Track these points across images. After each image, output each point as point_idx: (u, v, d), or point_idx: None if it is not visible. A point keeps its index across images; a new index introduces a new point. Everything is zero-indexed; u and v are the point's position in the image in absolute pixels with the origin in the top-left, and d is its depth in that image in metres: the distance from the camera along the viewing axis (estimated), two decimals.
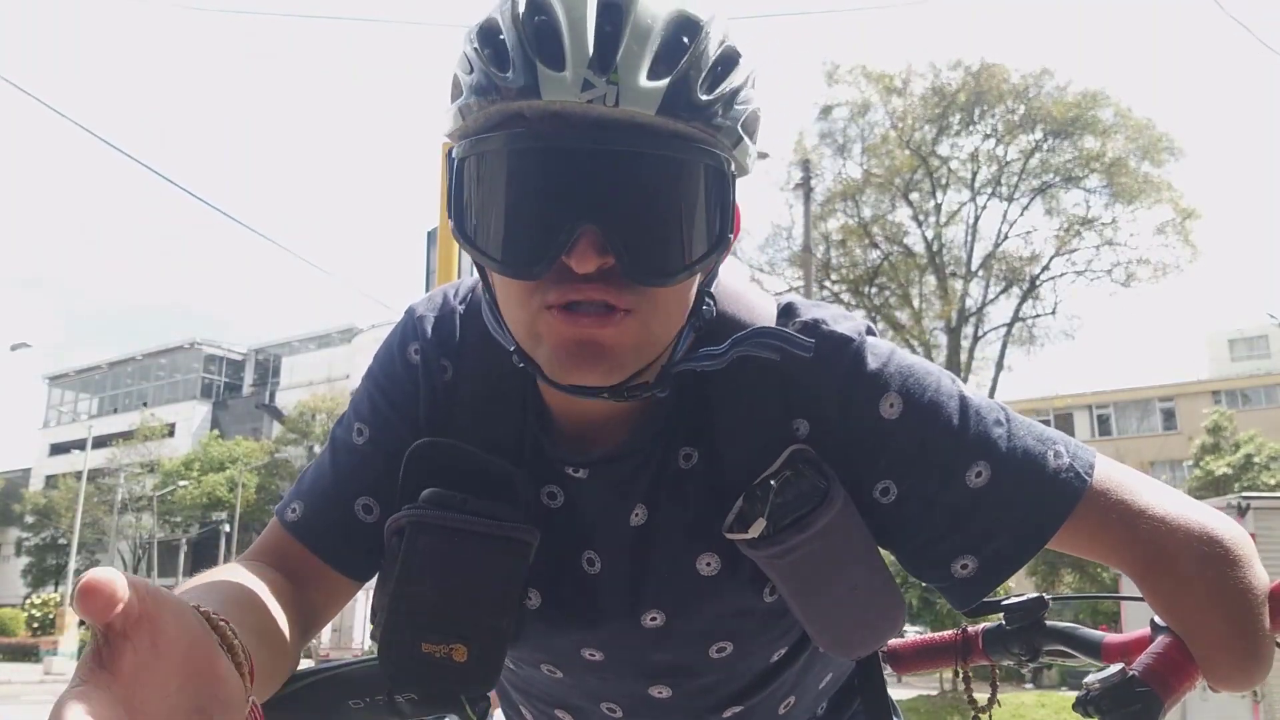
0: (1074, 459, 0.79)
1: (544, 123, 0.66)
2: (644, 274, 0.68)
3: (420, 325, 0.87)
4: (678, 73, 0.66)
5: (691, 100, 0.66)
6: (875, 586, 0.81)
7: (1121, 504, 0.78)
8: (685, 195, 0.69)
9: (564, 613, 0.86)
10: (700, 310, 0.76)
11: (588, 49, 0.64)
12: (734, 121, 0.69)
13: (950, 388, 0.80)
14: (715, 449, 0.81)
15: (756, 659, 0.88)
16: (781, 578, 0.78)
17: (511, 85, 0.66)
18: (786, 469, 0.77)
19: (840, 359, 0.79)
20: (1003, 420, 0.80)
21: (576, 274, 0.67)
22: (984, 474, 0.77)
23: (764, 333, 0.76)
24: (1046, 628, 1.05)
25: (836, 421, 0.79)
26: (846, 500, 0.77)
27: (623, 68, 0.64)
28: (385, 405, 0.86)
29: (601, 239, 0.66)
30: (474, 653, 0.75)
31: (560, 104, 0.65)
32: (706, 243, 0.70)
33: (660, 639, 0.84)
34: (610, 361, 0.70)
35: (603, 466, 0.82)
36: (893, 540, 0.82)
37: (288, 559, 0.83)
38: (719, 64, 0.69)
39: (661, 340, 0.74)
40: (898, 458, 0.78)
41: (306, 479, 0.87)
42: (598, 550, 0.84)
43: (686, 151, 0.67)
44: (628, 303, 0.69)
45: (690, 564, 0.82)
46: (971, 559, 0.78)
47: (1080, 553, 0.82)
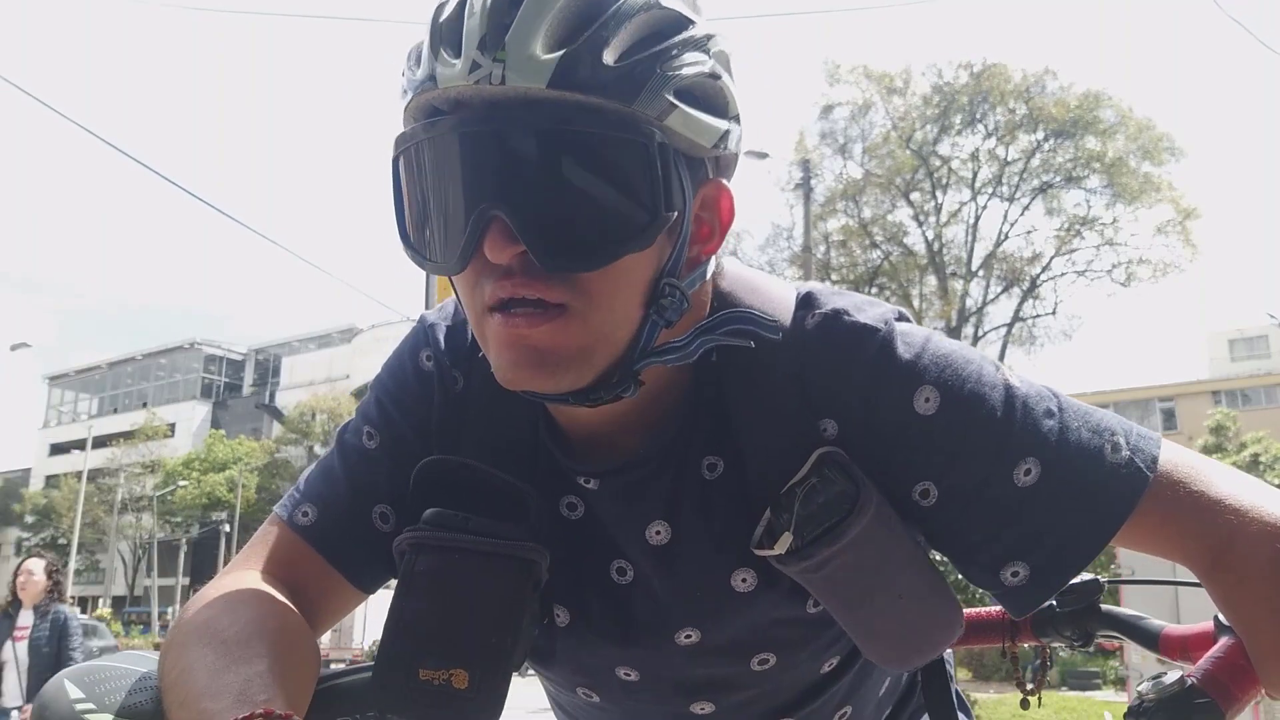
0: (1135, 451, 0.71)
1: (453, 112, 0.65)
2: (559, 260, 0.63)
3: (432, 333, 0.83)
4: (580, 42, 0.62)
5: (594, 69, 0.62)
6: (923, 594, 0.74)
7: (1189, 497, 0.70)
8: (594, 171, 0.63)
9: (594, 629, 0.81)
10: (660, 301, 0.68)
11: (480, 29, 0.62)
12: (659, 88, 0.64)
13: (993, 376, 0.72)
14: (740, 456, 0.75)
15: (804, 669, 0.83)
16: (819, 591, 0.73)
17: (419, 79, 0.65)
18: (813, 475, 0.71)
19: (865, 351, 0.72)
20: (1054, 410, 0.72)
21: (503, 268, 0.64)
22: (1034, 471, 0.70)
23: (729, 318, 0.71)
24: (1101, 611, 1.00)
25: (866, 420, 0.72)
26: (881, 505, 0.71)
27: (511, 44, 0.61)
28: (397, 413, 0.82)
29: (511, 226, 0.62)
30: (475, 679, 0.70)
31: (456, 89, 0.63)
32: (632, 224, 0.64)
33: (698, 654, 0.80)
34: (552, 365, 0.66)
35: (612, 478, 0.77)
36: (935, 546, 0.76)
37: (297, 565, 0.78)
38: (642, 29, 0.64)
39: (614, 338, 0.67)
40: (936, 456, 0.71)
41: (316, 483, 0.82)
42: (629, 558, 0.79)
43: (588, 124, 0.62)
44: (559, 296, 0.64)
45: (724, 581, 0.77)
46: (1022, 565, 0.71)
47: (1141, 549, 0.74)
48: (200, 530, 39.12)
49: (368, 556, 0.79)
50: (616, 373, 0.69)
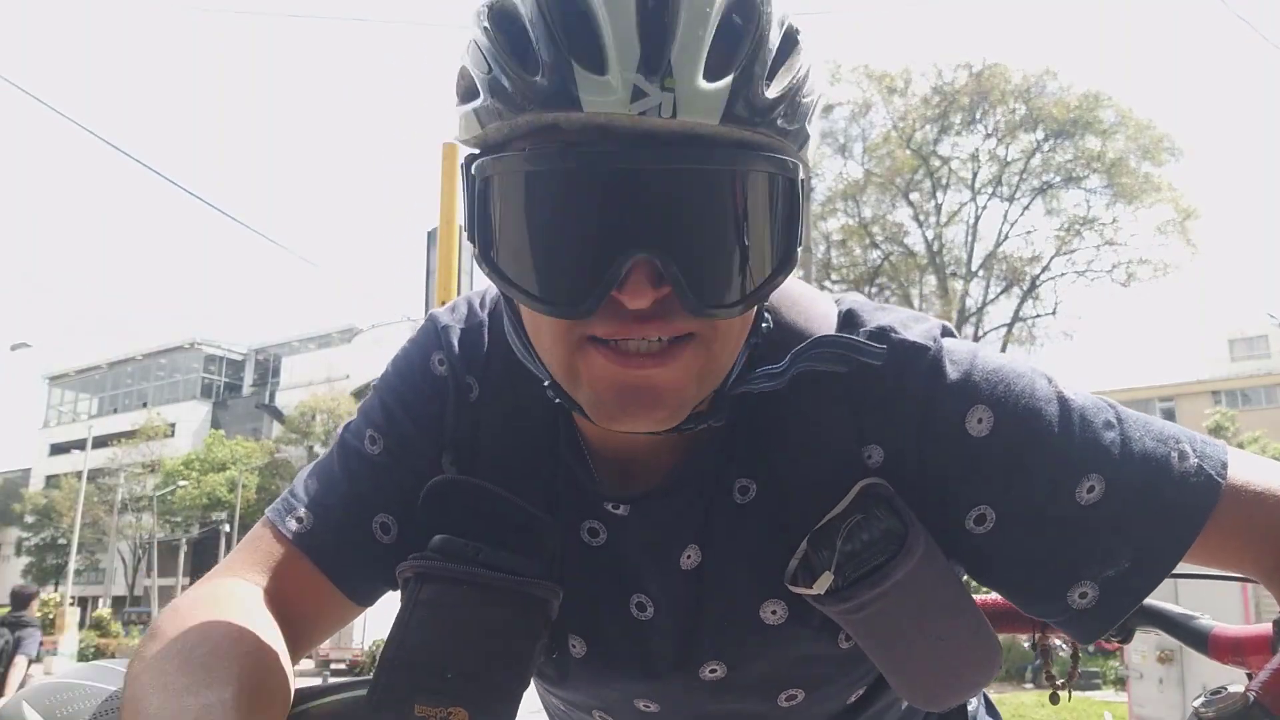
0: (1203, 458, 0.66)
1: (585, 137, 0.56)
2: (706, 306, 0.58)
3: (445, 336, 0.78)
4: (741, 68, 0.55)
5: (757, 101, 0.56)
6: (963, 636, 0.71)
7: (1264, 504, 0.66)
8: (753, 213, 0.58)
9: (611, 663, 0.77)
10: (759, 327, 0.67)
11: (635, 45, 0.53)
12: (803, 119, 0.59)
13: (1046, 390, 0.68)
14: (776, 480, 0.71)
15: (832, 703, 0.79)
16: (855, 631, 0.69)
17: (543, 91, 0.55)
18: (857, 510, 0.67)
19: (914, 372, 0.68)
20: (1114, 421, 0.67)
21: (627, 308, 0.57)
22: (1097, 488, 0.65)
23: (826, 342, 0.67)
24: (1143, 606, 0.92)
25: (916, 445, 0.68)
26: (929, 544, 0.67)
27: (677, 68, 0.53)
28: (405, 417, 0.76)
29: (657, 269, 0.56)
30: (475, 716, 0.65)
31: (606, 116, 0.54)
32: (774, 262, 0.60)
33: (722, 691, 0.75)
34: (667, 405, 0.61)
35: (646, 503, 0.72)
36: (993, 574, 0.70)
37: (288, 574, 0.72)
38: (783, 49, 0.58)
39: (724, 366, 0.64)
40: (993, 479, 0.67)
41: (312, 486, 0.76)
42: (649, 594, 0.74)
43: (755, 164, 0.57)
44: (690, 327, 0.60)
45: (753, 612, 0.72)
46: (1091, 586, 0.66)
47: (1216, 564, 0.70)
48: (200, 530, 39.09)
49: (365, 569, 0.74)
50: (711, 400, 0.66)
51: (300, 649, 0.72)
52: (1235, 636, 0.87)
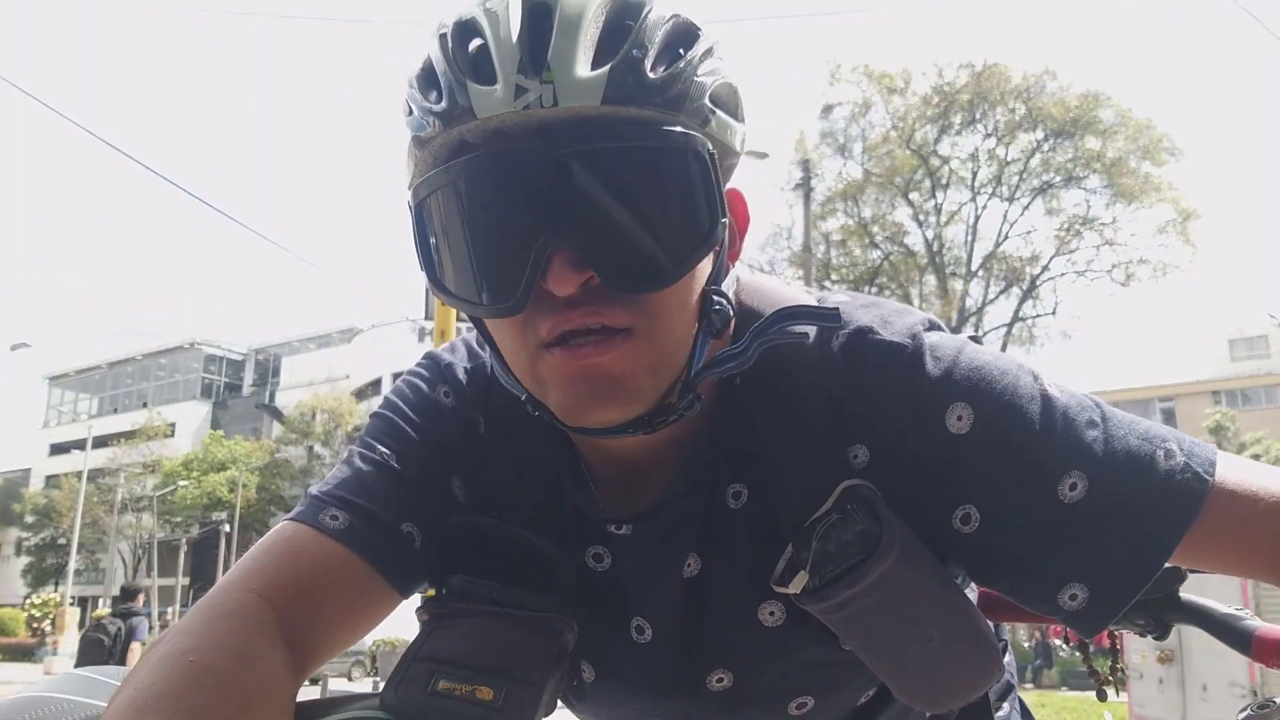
0: (1190, 456, 0.66)
1: (488, 143, 0.61)
2: (631, 282, 0.61)
3: (451, 372, 0.81)
4: (620, 56, 0.60)
5: (641, 82, 0.60)
6: (955, 637, 0.70)
7: (1255, 503, 0.65)
8: (656, 186, 0.62)
9: (620, 685, 0.79)
10: (711, 312, 0.67)
11: (515, 53, 0.59)
12: (699, 97, 0.63)
13: (1030, 387, 0.68)
14: (765, 484, 0.72)
15: (841, 708, 0.80)
16: (842, 631, 0.69)
17: (446, 113, 0.61)
18: (835, 511, 0.68)
19: (893, 371, 0.69)
20: (1097, 420, 0.67)
21: (562, 300, 0.61)
22: (1080, 485, 0.65)
23: (784, 315, 0.68)
24: (1181, 602, 0.92)
25: (898, 445, 0.69)
26: (908, 544, 0.67)
27: (555, 63, 0.59)
28: (416, 437, 0.78)
29: (576, 254, 0.60)
30: (500, 694, 0.66)
31: (497, 118, 0.59)
32: (694, 234, 0.63)
33: (732, 702, 0.75)
34: (624, 391, 0.63)
35: (647, 519, 0.73)
36: (986, 574, 0.71)
37: (330, 569, 0.71)
38: (669, 40, 0.63)
39: (676, 355, 0.66)
40: (974, 478, 0.67)
41: (339, 492, 0.75)
42: (647, 616, 0.76)
43: (646, 137, 0.60)
44: (624, 320, 0.62)
45: (752, 615, 0.73)
46: (1080, 587, 0.66)
47: (1208, 565, 0.69)
48: (200, 530, 39.11)
49: (404, 561, 0.74)
50: (676, 391, 0.67)
51: (343, 644, 0.73)
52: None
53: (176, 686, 0.57)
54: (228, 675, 0.59)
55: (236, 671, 0.60)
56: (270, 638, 0.64)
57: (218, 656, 0.60)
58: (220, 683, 0.58)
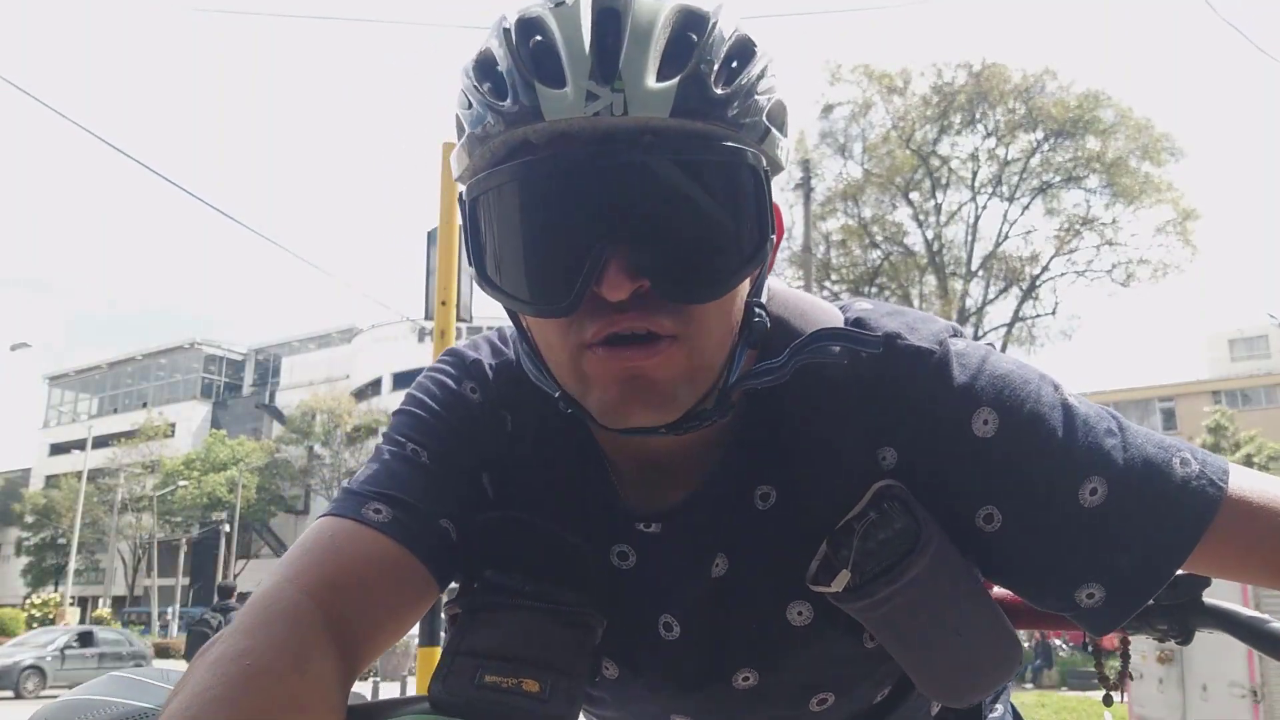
0: (1204, 465, 0.69)
1: (552, 145, 0.62)
2: (683, 292, 0.63)
3: (476, 368, 0.81)
4: (689, 69, 0.61)
5: (707, 96, 0.61)
6: (981, 629, 0.73)
7: (1266, 512, 0.67)
8: (715, 199, 0.63)
9: (645, 683, 0.80)
10: (751, 323, 0.69)
11: (587, 59, 0.60)
12: (758, 114, 0.64)
13: (1052, 396, 0.70)
14: (794, 485, 0.73)
15: (860, 704, 0.81)
16: (876, 628, 0.72)
17: (512, 111, 0.62)
18: (871, 510, 0.70)
19: (921, 376, 0.71)
20: (1115, 430, 0.70)
21: (611, 303, 0.62)
22: (1100, 490, 0.67)
23: (824, 335, 0.69)
24: (1205, 607, 0.92)
25: (926, 447, 0.71)
26: (942, 541, 0.70)
27: (626, 72, 0.60)
28: (444, 431, 0.78)
29: (631, 261, 0.61)
30: (546, 686, 0.68)
31: (565, 122, 0.60)
32: (747, 248, 0.64)
33: (756, 699, 0.77)
34: (663, 396, 0.65)
35: (676, 518, 0.75)
36: (1004, 572, 0.73)
37: (376, 562, 0.71)
38: (733, 55, 0.64)
39: (714, 363, 0.67)
40: (998, 480, 0.69)
41: (374, 488, 0.75)
42: (674, 613, 0.77)
43: (710, 152, 0.62)
44: (670, 327, 0.63)
45: (780, 615, 0.75)
46: (1097, 587, 0.69)
47: (1220, 572, 0.71)
48: (200, 530, 39.12)
49: (445, 554, 0.74)
50: (711, 398, 0.68)
51: (390, 640, 0.72)
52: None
53: (233, 690, 0.57)
54: (284, 679, 0.60)
55: (292, 675, 0.60)
56: (323, 640, 0.64)
57: (274, 660, 0.60)
58: (277, 686, 0.59)
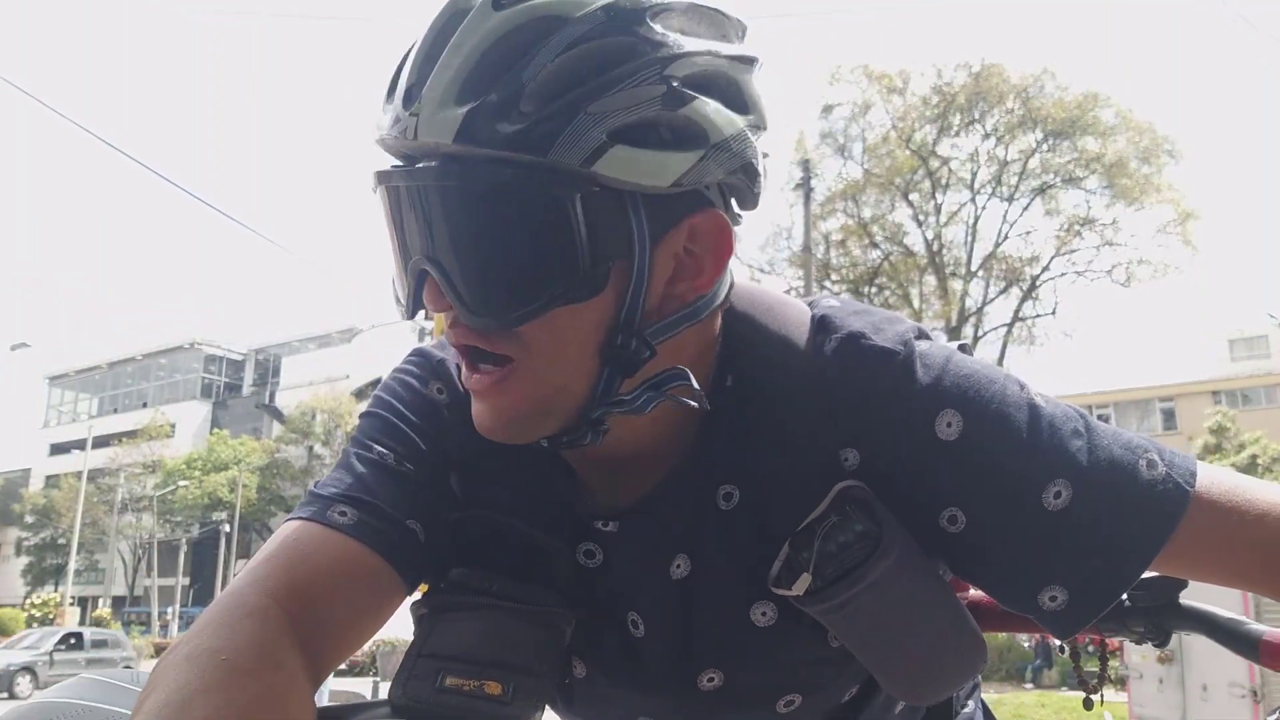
0: (1171, 467, 0.67)
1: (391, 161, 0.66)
2: (482, 315, 0.63)
3: (442, 368, 0.81)
4: (490, 93, 0.60)
5: (502, 122, 0.59)
6: (946, 631, 0.73)
7: (1234, 513, 0.66)
8: (507, 226, 0.62)
9: (613, 682, 0.79)
10: (617, 352, 0.65)
11: (407, 79, 0.63)
12: (584, 130, 0.59)
13: (1018, 396, 0.69)
14: (757, 485, 0.73)
15: (828, 705, 0.81)
16: (838, 630, 0.71)
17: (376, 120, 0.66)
18: (833, 512, 0.69)
19: (884, 377, 0.70)
20: (1082, 431, 0.69)
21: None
22: (1064, 493, 0.66)
23: (672, 376, 0.67)
24: (1182, 608, 0.91)
25: (889, 448, 0.70)
26: (905, 544, 0.69)
27: (426, 97, 0.61)
28: (410, 432, 0.78)
29: (438, 280, 0.63)
30: (509, 690, 0.68)
31: (383, 141, 0.64)
32: (556, 273, 0.61)
33: (721, 701, 0.77)
34: (510, 418, 0.66)
35: (633, 518, 0.74)
36: (969, 572, 0.73)
37: (341, 566, 0.70)
38: (568, 66, 0.60)
39: (567, 389, 0.66)
40: (962, 482, 0.68)
41: (340, 491, 0.74)
42: (640, 611, 0.77)
43: (494, 178, 0.60)
44: (503, 348, 0.64)
45: (744, 616, 0.74)
46: (1060, 590, 0.68)
47: (1191, 574, 0.70)
48: (200, 530, 39.13)
49: (413, 555, 0.73)
50: (580, 422, 0.68)
51: (357, 643, 0.71)
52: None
53: (214, 684, 0.56)
54: (260, 674, 0.58)
55: (268, 671, 0.59)
56: (290, 642, 0.63)
57: (249, 656, 0.59)
58: (255, 681, 0.57)
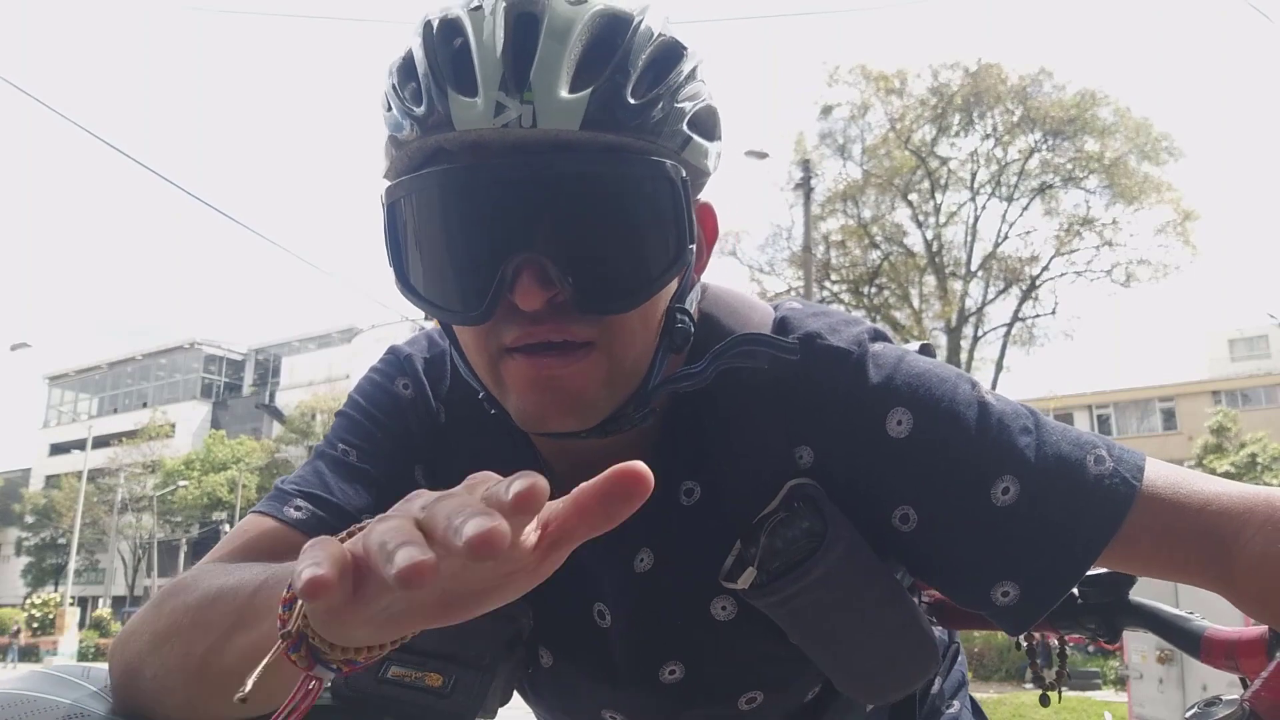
0: (1118, 462, 0.68)
1: (465, 154, 0.62)
2: (595, 303, 0.63)
3: (409, 364, 0.82)
4: (604, 79, 0.61)
5: (620, 107, 0.61)
6: (895, 631, 0.73)
7: (1181, 508, 0.66)
8: (627, 211, 0.63)
9: (578, 671, 0.80)
10: (673, 329, 0.69)
11: (498, 68, 0.60)
12: (677, 122, 0.64)
13: (968, 394, 0.70)
14: (717, 481, 0.74)
15: (790, 703, 0.82)
16: (787, 625, 0.72)
17: (426, 118, 0.62)
18: (782, 509, 0.70)
19: (838, 376, 0.71)
20: (1030, 427, 0.69)
21: (524, 311, 0.62)
22: (1012, 489, 0.67)
23: (745, 340, 0.69)
24: (1131, 605, 0.92)
25: (841, 446, 0.71)
26: (852, 541, 0.70)
27: (537, 84, 0.59)
28: (374, 430, 0.79)
29: (544, 271, 0.61)
30: (449, 681, 0.69)
31: (475, 132, 0.61)
32: (662, 259, 0.64)
33: (683, 695, 0.78)
34: (581, 403, 0.66)
35: None
36: (922, 570, 0.74)
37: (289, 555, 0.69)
38: (654, 62, 0.63)
39: (633, 370, 0.68)
40: (912, 480, 0.69)
41: (300, 487, 0.76)
42: (607, 602, 0.78)
43: (620, 164, 0.62)
44: (586, 335, 0.64)
45: (704, 610, 0.75)
46: (1012, 585, 0.68)
47: (1137, 568, 0.70)
48: (200, 530, 39.11)
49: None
50: (633, 403, 0.68)
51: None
52: (1229, 639, 0.83)
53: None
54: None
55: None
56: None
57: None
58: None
